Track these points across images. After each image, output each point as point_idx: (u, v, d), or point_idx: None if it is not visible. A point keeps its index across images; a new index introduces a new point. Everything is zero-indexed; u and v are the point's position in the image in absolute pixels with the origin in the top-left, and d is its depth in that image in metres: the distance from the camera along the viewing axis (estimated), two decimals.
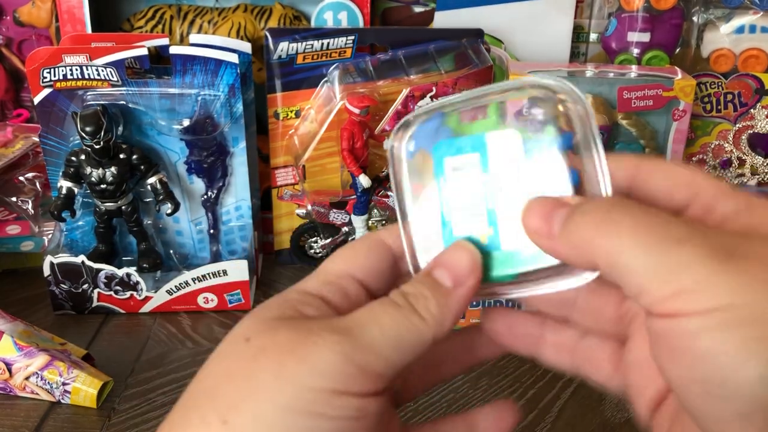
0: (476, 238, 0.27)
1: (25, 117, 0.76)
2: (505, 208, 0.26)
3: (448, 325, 0.26)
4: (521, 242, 0.26)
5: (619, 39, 0.71)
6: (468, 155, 0.27)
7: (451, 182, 0.27)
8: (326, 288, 0.28)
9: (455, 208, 0.27)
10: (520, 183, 0.26)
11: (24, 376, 0.49)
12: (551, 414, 0.50)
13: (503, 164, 0.26)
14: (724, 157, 0.69)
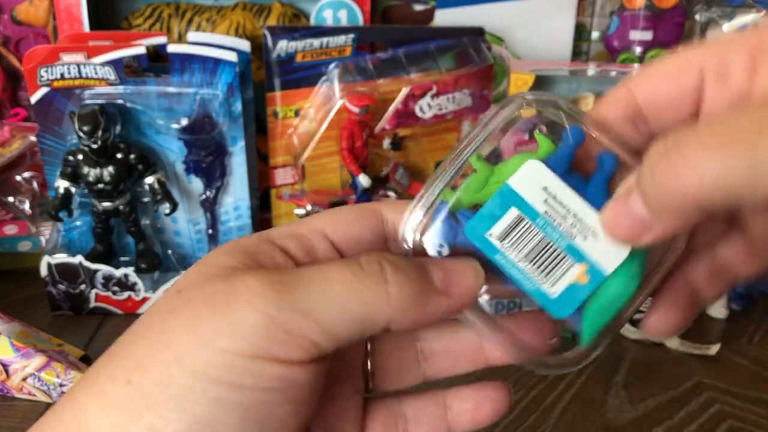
0: (575, 283, 0.25)
1: (22, 116, 0.75)
2: (583, 237, 0.25)
3: (410, 318, 0.23)
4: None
5: (621, 37, 0.71)
6: (506, 216, 0.25)
7: (511, 252, 0.25)
8: (292, 240, 0.25)
9: (532, 270, 0.25)
10: (575, 201, 0.25)
11: (21, 377, 0.49)
12: (553, 416, 0.49)
13: (544, 198, 0.25)
14: None
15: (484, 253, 0.25)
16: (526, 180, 0.25)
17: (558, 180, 0.25)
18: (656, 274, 0.25)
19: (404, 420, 0.28)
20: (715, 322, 0.63)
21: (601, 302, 0.25)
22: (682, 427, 0.49)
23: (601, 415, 0.50)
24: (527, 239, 0.25)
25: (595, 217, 0.25)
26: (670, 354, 0.57)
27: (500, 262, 0.25)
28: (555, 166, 0.25)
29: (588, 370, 0.55)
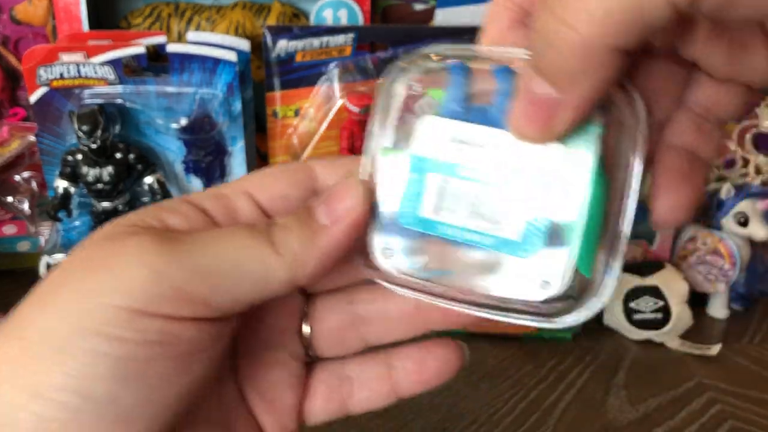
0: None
1: (21, 116, 0.75)
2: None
3: (312, 268, 0.23)
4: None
5: None
6: (428, 186, 0.23)
7: (455, 218, 0.23)
8: (213, 200, 0.24)
9: (483, 225, 0.23)
10: (487, 134, 0.23)
11: None
12: (553, 416, 0.49)
13: (456, 148, 0.23)
14: (728, 157, 0.68)
15: (430, 233, 0.23)
16: (428, 140, 0.23)
17: (460, 123, 0.23)
18: (625, 153, 0.23)
19: (349, 382, 0.28)
20: (716, 322, 0.63)
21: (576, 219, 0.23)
22: (683, 427, 0.49)
23: (601, 416, 0.50)
24: (462, 197, 0.23)
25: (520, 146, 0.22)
26: (670, 354, 0.57)
27: (450, 233, 0.23)
28: (451, 112, 0.23)
29: (588, 370, 0.55)
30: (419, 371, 0.28)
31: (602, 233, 0.23)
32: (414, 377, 0.28)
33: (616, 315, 0.59)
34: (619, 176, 0.23)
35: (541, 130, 0.21)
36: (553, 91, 0.20)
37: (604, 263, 0.23)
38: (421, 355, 0.28)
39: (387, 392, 0.28)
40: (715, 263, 0.62)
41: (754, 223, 0.61)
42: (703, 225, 0.66)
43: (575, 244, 0.22)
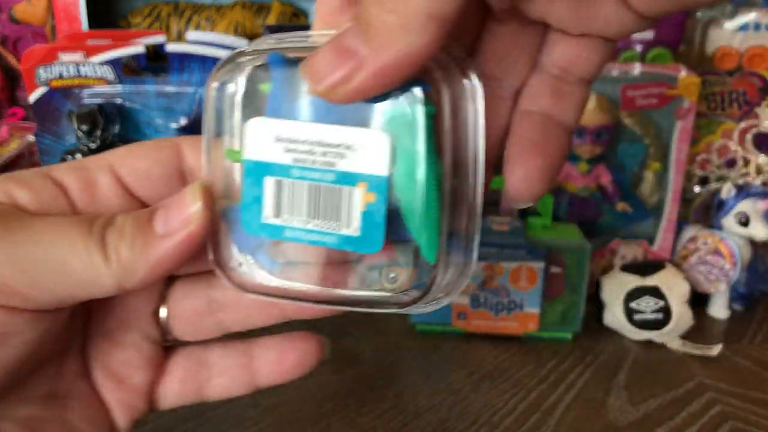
0: (368, 207, 0.22)
1: (20, 116, 0.75)
2: (341, 158, 0.22)
3: (140, 278, 0.22)
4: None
5: None
6: (265, 190, 0.23)
7: (294, 220, 0.23)
8: (72, 174, 0.24)
9: (323, 224, 0.23)
10: (309, 129, 0.22)
11: None
12: (554, 417, 0.49)
13: (284, 148, 0.23)
14: (729, 157, 0.68)
15: (274, 238, 0.23)
16: (257, 142, 0.23)
17: (284, 122, 0.22)
18: (464, 131, 0.22)
19: (207, 368, 0.28)
20: (717, 322, 0.63)
21: (411, 203, 0.22)
22: (684, 428, 0.48)
23: (602, 416, 0.49)
24: (298, 198, 0.23)
25: (334, 129, 0.22)
26: (671, 354, 0.57)
27: (293, 236, 0.23)
28: (276, 109, 0.22)
29: (589, 370, 0.55)
30: (279, 362, 0.27)
31: (446, 217, 0.22)
32: (274, 368, 0.27)
33: (617, 315, 0.59)
34: (462, 155, 0.22)
35: (336, 82, 0.19)
36: (362, 47, 0.19)
37: (457, 246, 0.22)
38: (282, 346, 0.28)
39: (246, 381, 0.27)
40: (715, 263, 0.62)
41: (754, 223, 0.61)
42: (703, 225, 0.66)
43: (417, 232, 0.22)
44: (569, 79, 0.23)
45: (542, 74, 0.23)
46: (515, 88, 0.23)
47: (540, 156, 0.22)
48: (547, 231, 0.58)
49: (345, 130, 0.22)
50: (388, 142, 0.21)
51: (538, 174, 0.22)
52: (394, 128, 0.21)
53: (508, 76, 0.23)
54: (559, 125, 0.23)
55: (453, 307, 0.58)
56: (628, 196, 0.65)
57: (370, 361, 0.55)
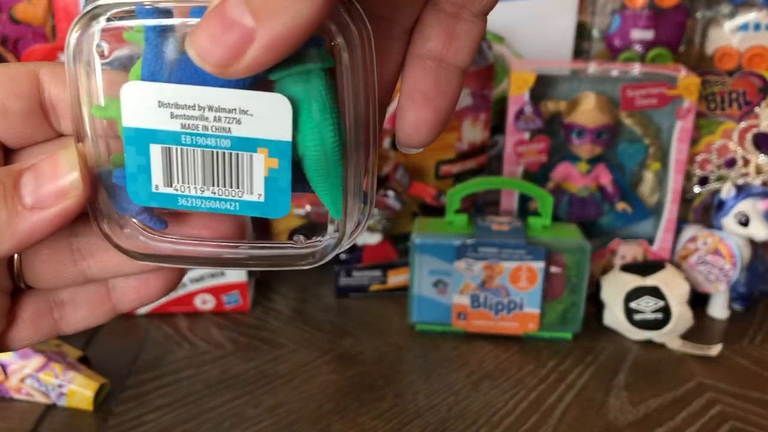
0: (270, 173, 0.21)
1: None
2: (237, 123, 0.21)
3: (5, 251, 0.21)
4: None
5: (622, 36, 0.70)
6: (152, 158, 0.21)
7: (189, 188, 0.22)
8: None
9: (223, 191, 0.22)
10: (200, 93, 0.20)
11: (19, 378, 0.49)
12: (554, 417, 0.49)
13: (169, 113, 0.21)
14: (729, 157, 0.68)
15: (167, 207, 0.22)
16: (136, 108, 0.20)
17: (167, 86, 0.20)
18: (356, 87, 0.21)
19: (61, 305, 0.26)
20: (717, 322, 0.63)
21: (314, 165, 0.21)
22: (684, 428, 0.48)
23: (602, 417, 0.49)
24: (191, 165, 0.21)
25: (227, 93, 0.20)
26: (671, 355, 0.57)
27: (189, 204, 0.22)
28: (151, 71, 0.20)
29: (589, 370, 0.55)
30: (142, 287, 0.25)
31: (348, 171, 0.22)
32: (136, 293, 0.25)
33: (617, 315, 0.59)
34: (359, 107, 0.21)
35: (227, 59, 0.18)
36: (248, 18, 0.17)
37: (358, 197, 0.22)
38: (146, 273, 0.25)
39: (106, 310, 0.26)
40: (715, 263, 0.62)
41: (754, 223, 0.61)
42: (703, 225, 0.66)
43: (321, 189, 0.22)
44: (464, 16, 0.21)
45: (436, 11, 0.21)
46: (406, 28, 0.22)
47: (431, 108, 0.22)
48: (547, 231, 0.58)
49: (239, 94, 0.20)
50: (288, 106, 0.20)
51: (428, 124, 0.22)
52: (291, 87, 0.20)
53: (399, 14, 0.21)
54: (451, 68, 0.22)
55: (453, 307, 0.58)
56: (628, 196, 0.65)
57: (370, 361, 0.55)
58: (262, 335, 0.59)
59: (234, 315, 0.61)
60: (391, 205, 0.65)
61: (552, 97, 0.63)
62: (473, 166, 0.68)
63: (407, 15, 0.21)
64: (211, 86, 0.20)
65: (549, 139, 0.63)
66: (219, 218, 0.23)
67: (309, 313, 0.62)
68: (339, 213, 0.22)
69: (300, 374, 0.54)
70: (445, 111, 0.22)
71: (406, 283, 0.63)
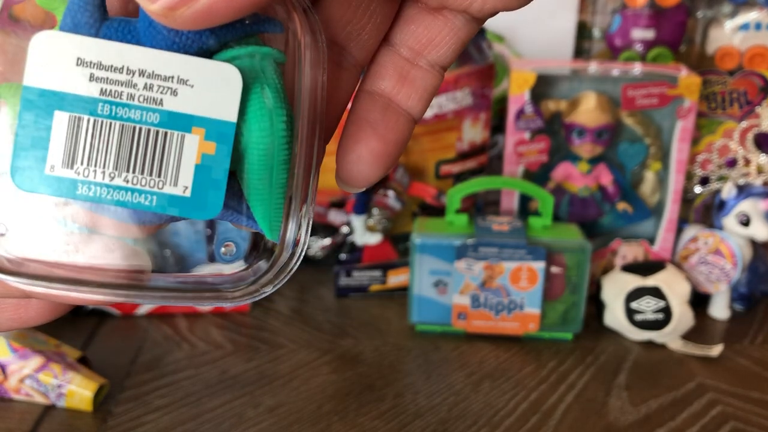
0: (203, 160, 0.18)
1: None
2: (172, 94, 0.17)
3: None
4: None
5: (623, 36, 0.70)
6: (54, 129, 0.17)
7: (96, 174, 0.18)
8: None
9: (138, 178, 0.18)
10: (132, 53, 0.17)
11: (19, 379, 0.48)
12: (554, 417, 0.49)
13: (88, 74, 0.17)
14: (730, 157, 0.68)
15: (61, 196, 0.17)
16: (46, 65, 0.17)
17: (92, 40, 0.17)
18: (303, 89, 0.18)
19: None
20: (718, 322, 0.63)
21: (257, 162, 0.18)
22: (684, 428, 0.48)
23: (602, 417, 0.49)
24: (103, 143, 0.17)
25: (167, 56, 0.17)
26: (672, 355, 0.57)
27: (90, 195, 0.17)
28: (76, 23, 0.17)
29: (589, 371, 0.55)
30: (18, 309, 0.21)
31: (290, 187, 0.19)
32: (12, 313, 0.21)
33: (618, 316, 0.58)
34: (304, 120, 0.19)
35: (176, 2, 0.15)
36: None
37: (294, 223, 0.19)
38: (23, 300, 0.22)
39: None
40: (716, 263, 0.62)
41: (755, 223, 0.60)
42: (704, 225, 0.66)
43: (258, 200, 0.18)
44: (420, 63, 0.20)
45: (390, 52, 0.20)
46: (358, 61, 0.20)
47: (376, 139, 0.20)
48: (547, 231, 0.58)
49: (183, 59, 0.17)
50: (239, 80, 0.17)
51: (372, 158, 0.20)
52: (241, 67, 0.17)
53: (352, 46, 0.20)
54: (400, 111, 0.20)
55: (453, 307, 0.58)
56: (628, 196, 0.65)
57: (370, 361, 0.55)
58: (262, 335, 0.59)
59: (233, 315, 0.61)
60: (391, 205, 0.64)
61: (552, 96, 0.63)
62: (473, 166, 0.68)
63: (360, 47, 0.20)
64: (151, 46, 0.17)
65: (549, 139, 0.63)
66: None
67: (309, 314, 0.62)
68: (276, 232, 0.19)
69: (300, 375, 0.53)
70: (393, 146, 0.20)
71: (406, 283, 0.63)
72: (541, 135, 0.63)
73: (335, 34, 0.20)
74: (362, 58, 0.20)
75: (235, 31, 0.17)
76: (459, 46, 0.20)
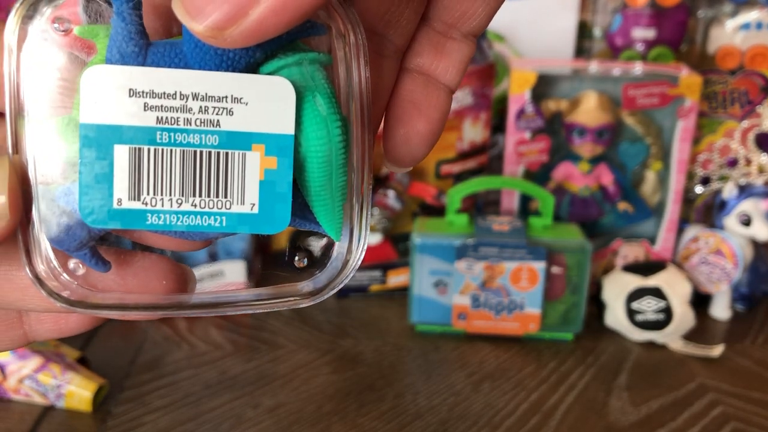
0: (267, 176, 0.18)
1: None
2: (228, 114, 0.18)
3: None
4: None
5: (624, 35, 0.70)
6: (117, 163, 0.17)
7: (164, 202, 0.18)
8: None
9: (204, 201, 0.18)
10: (181, 77, 0.17)
11: (18, 379, 0.48)
12: (555, 418, 0.49)
13: (142, 104, 0.17)
14: (731, 156, 0.68)
15: (131, 228, 0.18)
16: (98, 100, 0.17)
17: (141, 69, 0.17)
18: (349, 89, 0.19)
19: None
20: (719, 323, 0.62)
21: (317, 169, 0.18)
22: (685, 429, 0.48)
23: (603, 418, 0.49)
24: (167, 171, 0.17)
25: (217, 76, 0.17)
26: (672, 355, 0.57)
27: (160, 224, 0.18)
28: (122, 54, 0.17)
29: (590, 371, 0.55)
30: (60, 319, 0.22)
31: (347, 186, 0.19)
32: (53, 324, 0.22)
33: (618, 316, 0.58)
34: (352, 118, 0.19)
35: (225, 19, 0.15)
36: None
37: (355, 220, 0.19)
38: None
39: (16, 336, 0.22)
40: (717, 263, 0.62)
41: (757, 223, 0.60)
42: (705, 225, 0.65)
43: (320, 204, 0.19)
44: (453, 35, 0.21)
45: (425, 28, 0.21)
46: (398, 47, 0.20)
47: (421, 119, 0.20)
48: (548, 231, 0.58)
49: (233, 77, 0.17)
50: (291, 92, 0.17)
51: (418, 138, 0.21)
52: (290, 78, 0.18)
53: (392, 33, 0.20)
54: (439, 86, 0.21)
55: (453, 307, 0.58)
56: (629, 195, 0.65)
57: (370, 361, 0.55)
58: (262, 336, 0.58)
59: (233, 315, 0.61)
60: (391, 205, 0.64)
61: (553, 96, 0.63)
62: (474, 166, 0.68)
63: (400, 33, 0.20)
64: (199, 66, 0.17)
65: (550, 139, 0.63)
66: (163, 264, 0.20)
67: (308, 314, 0.62)
68: (340, 233, 0.19)
69: (299, 375, 0.53)
70: (437, 124, 0.21)
71: (406, 283, 0.63)
72: (542, 135, 0.63)
73: (374, 23, 0.20)
74: (402, 43, 0.21)
75: (281, 40, 0.17)
76: (491, 15, 0.20)
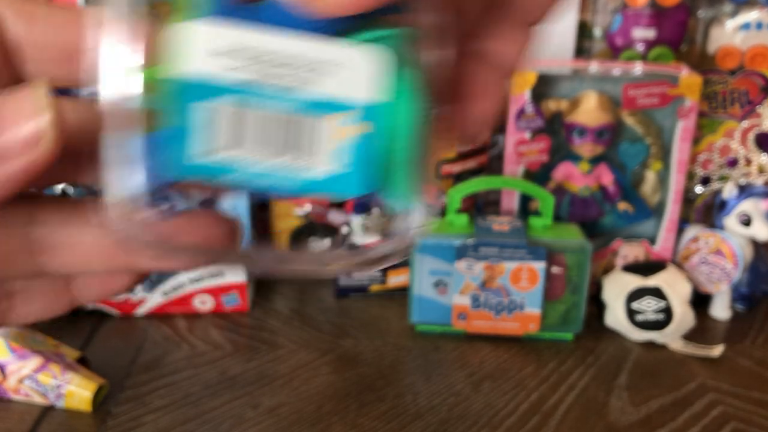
0: (359, 138, 0.18)
1: None
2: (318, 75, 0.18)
3: None
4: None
5: (624, 35, 0.70)
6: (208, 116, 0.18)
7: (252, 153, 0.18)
8: None
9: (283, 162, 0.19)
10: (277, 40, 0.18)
11: (18, 379, 0.48)
12: (555, 418, 0.49)
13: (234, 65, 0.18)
14: (731, 156, 0.68)
15: (208, 180, 0.18)
16: (194, 52, 0.17)
17: (232, 27, 0.17)
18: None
19: (9, 296, 0.22)
20: (718, 323, 0.62)
21: (403, 138, 0.19)
22: (685, 429, 0.48)
23: (603, 418, 0.49)
24: (251, 128, 0.18)
25: (314, 42, 0.17)
26: (672, 355, 0.57)
27: (237, 179, 0.18)
28: (216, 11, 0.17)
29: (590, 371, 0.55)
30: (108, 280, 0.22)
31: (422, 156, 0.19)
32: (100, 286, 0.22)
33: (618, 316, 0.58)
34: (441, 92, 0.20)
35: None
36: None
37: (429, 190, 0.20)
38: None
39: (64, 302, 0.22)
40: (717, 263, 0.62)
41: (757, 223, 0.60)
42: (705, 225, 0.65)
43: (399, 175, 0.19)
44: (516, 23, 0.22)
45: (491, 16, 0.21)
46: (465, 30, 0.21)
47: (486, 99, 0.21)
48: (548, 231, 0.58)
49: (326, 42, 0.17)
50: (383, 62, 0.18)
51: (483, 117, 0.22)
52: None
53: (459, 17, 0.21)
54: (504, 69, 0.22)
55: (453, 307, 0.58)
56: (629, 196, 0.65)
57: (370, 361, 0.55)
58: (262, 336, 0.58)
59: (233, 315, 0.61)
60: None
61: (553, 96, 0.63)
62: (474, 166, 0.68)
63: (465, 18, 0.21)
64: (297, 30, 0.17)
65: (550, 139, 0.63)
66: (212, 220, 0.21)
67: (308, 314, 0.62)
68: (417, 203, 0.19)
69: (299, 375, 0.53)
70: (501, 103, 0.22)
71: (406, 283, 0.63)
72: (542, 135, 0.63)
73: (444, 8, 0.20)
74: (467, 28, 0.21)
75: (373, 13, 0.18)
76: (553, 5, 0.21)
